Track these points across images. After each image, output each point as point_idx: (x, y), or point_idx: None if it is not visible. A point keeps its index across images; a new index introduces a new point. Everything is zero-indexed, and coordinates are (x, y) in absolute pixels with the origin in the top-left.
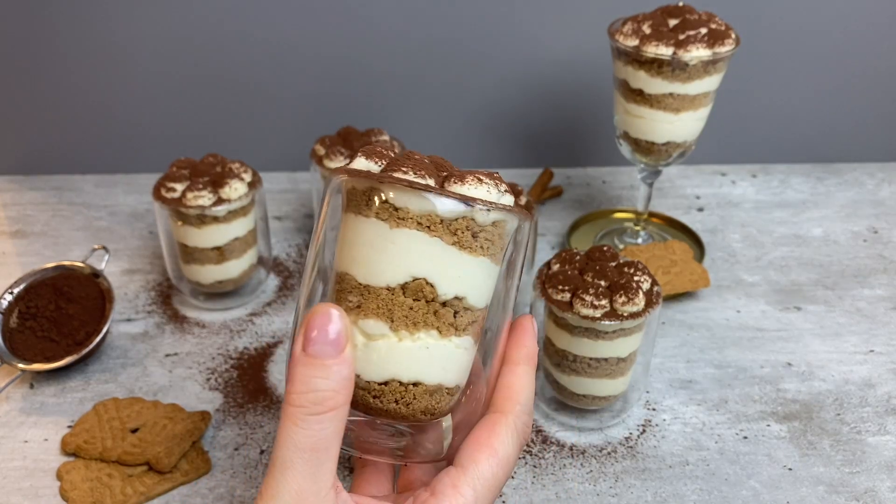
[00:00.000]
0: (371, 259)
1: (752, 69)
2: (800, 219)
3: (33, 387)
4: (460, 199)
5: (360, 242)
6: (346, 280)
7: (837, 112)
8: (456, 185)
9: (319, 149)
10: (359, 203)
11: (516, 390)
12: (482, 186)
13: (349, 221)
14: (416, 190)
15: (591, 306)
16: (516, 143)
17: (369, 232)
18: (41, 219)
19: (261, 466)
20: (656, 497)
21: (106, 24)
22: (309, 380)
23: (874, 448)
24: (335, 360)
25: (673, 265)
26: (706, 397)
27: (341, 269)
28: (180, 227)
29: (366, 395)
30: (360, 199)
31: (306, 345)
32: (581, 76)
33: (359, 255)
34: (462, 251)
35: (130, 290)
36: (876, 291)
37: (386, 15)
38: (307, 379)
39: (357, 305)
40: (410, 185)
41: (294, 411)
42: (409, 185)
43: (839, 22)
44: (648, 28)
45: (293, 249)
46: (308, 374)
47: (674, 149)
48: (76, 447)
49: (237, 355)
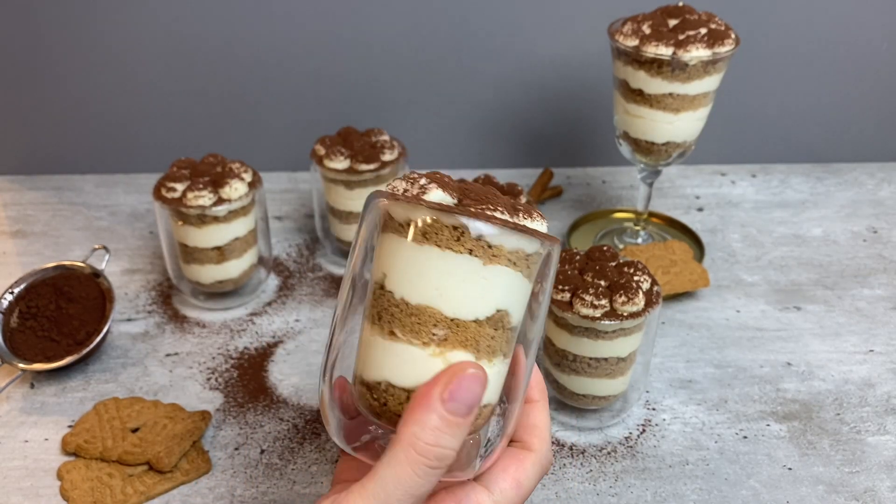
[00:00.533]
0: (462, 294)
1: (752, 69)
2: (799, 219)
3: (34, 386)
4: (543, 237)
5: (447, 277)
6: (427, 313)
7: (837, 112)
8: (527, 221)
9: (319, 149)
10: (444, 238)
11: (541, 428)
12: (543, 221)
13: (427, 254)
14: (510, 229)
15: (590, 306)
16: (516, 143)
17: (461, 268)
18: (42, 219)
19: (261, 466)
20: (656, 497)
21: (106, 24)
22: (440, 435)
23: (874, 448)
24: (466, 422)
25: (673, 265)
26: (706, 397)
27: (419, 303)
28: (181, 226)
29: None
30: (445, 234)
31: (448, 400)
32: (581, 76)
33: (446, 290)
34: (528, 280)
35: (131, 290)
36: (875, 291)
37: (386, 15)
38: (438, 434)
39: (444, 339)
40: (516, 228)
41: (418, 459)
42: (513, 226)
43: (839, 22)
44: (648, 28)
45: (293, 249)
46: (442, 428)
47: (673, 149)
48: (77, 447)
49: (237, 355)
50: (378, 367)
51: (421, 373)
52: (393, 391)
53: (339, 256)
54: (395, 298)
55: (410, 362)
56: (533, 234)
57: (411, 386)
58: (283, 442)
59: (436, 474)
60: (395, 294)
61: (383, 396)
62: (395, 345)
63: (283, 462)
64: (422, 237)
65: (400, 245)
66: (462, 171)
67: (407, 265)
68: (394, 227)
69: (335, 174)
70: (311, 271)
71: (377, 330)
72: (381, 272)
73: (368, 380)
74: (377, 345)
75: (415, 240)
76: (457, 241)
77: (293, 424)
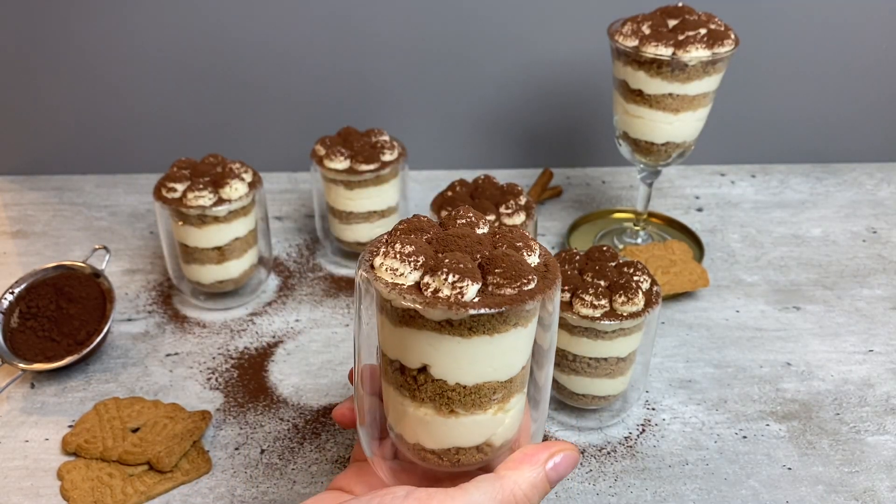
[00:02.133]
0: (512, 359)
1: (752, 69)
2: (799, 219)
3: (34, 386)
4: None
5: (500, 355)
6: (485, 388)
7: (837, 112)
8: (532, 257)
9: (319, 149)
10: (490, 325)
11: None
12: (537, 247)
13: (477, 343)
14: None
15: (590, 306)
16: (516, 143)
17: (507, 340)
18: (42, 219)
19: (261, 466)
20: (656, 496)
21: (106, 24)
22: (534, 492)
23: (873, 448)
24: (550, 489)
25: (672, 265)
26: (705, 397)
27: (476, 383)
28: (181, 227)
29: (482, 456)
30: (491, 322)
31: (553, 473)
32: (581, 76)
33: (500, 364)
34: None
35: (131, 290)
36: (875, 291)
37: (386, 15)
38: (534, 492)
39: (502, 398)
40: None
41: (509, 501)
42: (530, 295)
43: (839, 22)
44: (648, 28)
45: (293, 249)
46: (538, 486)
47: (673, 149)
48: (77, 447)
49: (238, 355)
50: (443, 437)
51: (487, 430)
52: (465, 451)
53: (339, 256)
54: (449, 384)
55: (476, 426)
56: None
57: (481, 442)
58: (283, 442)
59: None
60: (448, 381)
61: (455, 458)
62: (456, 420)
63: (283, 462)
64: (469, 332)
65: (442, 340)
66: (462, 172)
67: (457, 356)
68: (425, 324)
69: (335, 174)
70: (311, 271)
71: (430, 409)
72: (420, 362)
73: (434, 448)
74: (435, 423)
75: (461, 335)
76: (503, 323)
77: (293, 424)
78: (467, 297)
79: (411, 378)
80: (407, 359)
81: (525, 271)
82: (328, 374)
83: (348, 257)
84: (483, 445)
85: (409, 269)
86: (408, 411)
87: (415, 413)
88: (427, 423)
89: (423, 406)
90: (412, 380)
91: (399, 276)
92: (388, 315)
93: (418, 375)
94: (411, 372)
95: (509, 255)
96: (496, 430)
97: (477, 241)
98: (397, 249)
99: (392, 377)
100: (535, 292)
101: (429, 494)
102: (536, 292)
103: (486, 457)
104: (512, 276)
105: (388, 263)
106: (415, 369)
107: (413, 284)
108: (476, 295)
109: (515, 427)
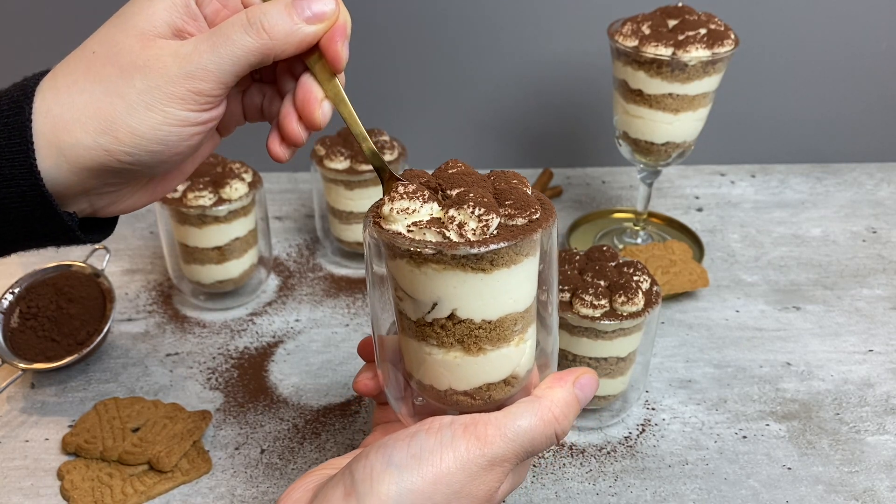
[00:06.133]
0: (528, 288)
1: (752, 69)
2: (799, 219)
3: (34, 386)
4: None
5: (518, 286)
6: (507, 320)
7: (836, 112)
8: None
9: (319, 149)
10: (509, 257)
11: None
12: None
13: (497, 277)
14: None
15: (590, 306)
16: (516, 143)
17: (524, 270)
18: None
19: (261, 466)
20: (655, 496)
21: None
22: (570, 411)
23: (873, 447)
24: (580, 408)
25: (672, 265)
26: (705, 397)
27: (500, 316)
28: (181, 227)
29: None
30: (510, 254)
31: (580, 392)
32: (581, 76)
33: (519, 294)
34: None
35: (131, 290)
36: (875, 291)
37: (386, 15)
38: (569, 409)
39: (522, 328)
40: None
41: (552, 420)
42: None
43: (838, 22)
44: (648, 29)
45: (293, 249)
46: (572, 405)
47: (673, 149)
48: (77, 447)
49: (238, 355)
50: (473, 377)
51: (512, 362)
52: (495, 386)
53: (339, 256)
54: (476, 322)
55: (503, 359)
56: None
57: (507, 375)
58: (283, 442)
59: (552, 441)
60: (475, 319)
61: (486, 394)
62: (485, 357)
63: (283, 462)
64: (490, 265)
65: (466, 278)
66: None
67: (482, 293)
68: (452, 263)
69: (335, 174)
70: (311, 271)
71: (459, 351)
72: (449, 309)
73: (466, 389)
74: (465, 363)
75: (485, 270)
76: (518, 254)
77: (293, 424)
78: (491, 230)
79: (438, 327)
80: (431, 306)
81: (531, 202)
82: (328, 374)
83: (348, 257)
84: (510, 378)
85: (419, 203)
86: (436, 359)
87: (444, 359)
88: (458, 366)
89: (451, 350)
90: (440, 328)
91: (412, 213)
92: (408, 265)
93: (445, 322)
94: (439, 321)
95: (515, 187)
96: (520, 360)
97: (480, 179)
98: (401, 192)
99: (415, 331)
100: (542, 221)
101: (473, 419)
102: (543, 221)
103: (513, 389)
104: (522, 207)
105: (398, 206)
106: (443, 318)
107: (430, 219)
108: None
109: (533, 357)
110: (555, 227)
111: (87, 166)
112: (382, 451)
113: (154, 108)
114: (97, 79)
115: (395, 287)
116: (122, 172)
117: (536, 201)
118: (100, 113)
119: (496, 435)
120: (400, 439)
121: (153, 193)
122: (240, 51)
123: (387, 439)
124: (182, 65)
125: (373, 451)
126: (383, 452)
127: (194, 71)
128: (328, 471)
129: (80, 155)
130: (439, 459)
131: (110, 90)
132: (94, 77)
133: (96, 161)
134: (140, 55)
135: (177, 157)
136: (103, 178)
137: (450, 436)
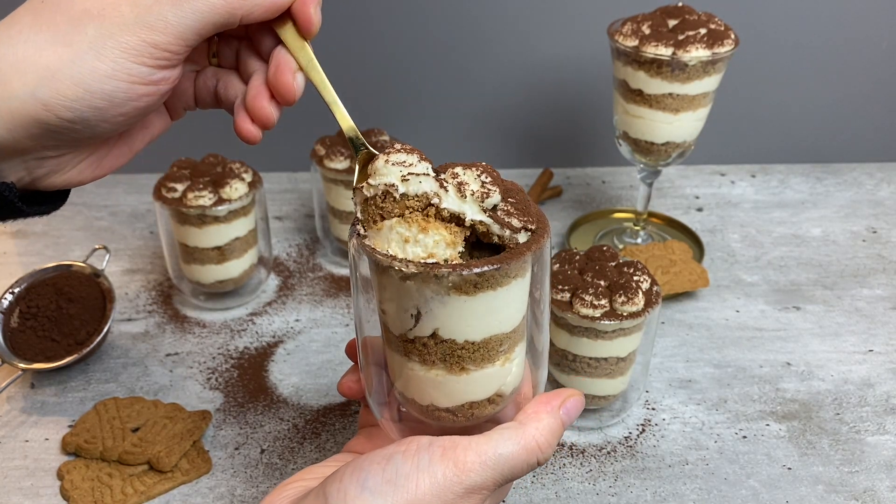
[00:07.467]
0: (515, 308)
1: (752, 69)
2: (799, 219)
3: (34, 386)
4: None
5: (504, 307)
6: (493, 341)
7: (837, 112)
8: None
9: (320, 149)
10: (495, 280)
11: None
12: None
13: (482, 299)
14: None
15: (590, 306)
16: (516, 143)
17: (511, 291)
18: (42, 219)
19: (261, 466)
20: (655, 496)
21: None
22: (553, 437)
23: (873, 447)
24: (563, 431)
25: (672, 265)
26: (705, 397)
27: (484, 337)
28: (181, 227)
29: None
30: (496, 276)
31: (566, 417)
32: (581, 76)
33: (505, 315)
34: None
35: (131, 290)
36: (875, 291)
37: (386, 15)
38: (552, 436)
39: (508, 348)
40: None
41: (535, 448)
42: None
43: (838, 22)
44: (648, 28)
45: (293, 249)
46: (556, 432)
47: (673, 149)
48: (77, 447)
49: (238, 355)
50: (456, 395)
51: (497, 381)
52: (478, 405)
53: (339, 256)
54: (459, 343)
55: (487, 379)
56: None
57: (492, 394)
58: (283, 442)
59: (532, 468)
60: (458, 340)
61: (468, 412)
62: (468, 376)
63: (283, 462)
64: (474, 289)
65: (448, 301)
66: None
67: (464, 314)
68: (434, 282)
69: (335, 174)
70: (311, 271)
71: (441, 370)
72: (431, 328)
73: (448, 406)
74: (448, 381)
75: (467, 293)
76: (505, 276)
77: (293, 424)
78: (491, 201)
79: (420, 344)
80: (413, 324)
81: (532, 212)
82: (328, 374)
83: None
84: (494, 396)
85: (416, 158)
86: (418, 375)
87: (426, 376)
88: (439, 384)
89: (433, 368)
90: (421, 346)
91: (409, 165)
92: (390, 279)
93: (427, 340)
94: (421, 338)
95: (520, 191)
96: (505, 379)
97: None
98: (398, 148)
99: (398, 345)
100: (532, 243)
101: (453, 442)
102: (533, 243)
103: (497, 406)
104: (522, 210)
105: (394, 158)
106: (424, 336)
107: (426, 174)
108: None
109: (521, 374)
110: (547, 246)
111: (22, 123)
112: (357, 474)
113: (103, 58)
114: (43, 27)
115: (379, 300)
116: (62, 132)
117: (536, 215)
118: (40, 62)
119: (475, 462)
120: (375, 462)
121: (98, 167)
122: (205, 6)
123: (362, 460)
124: (140, 14)
125: (347, 472)
126: (357, 476)
127: (153, 22)
128: (306, 482)
129: (14, 109)
130: (415, 486)
131: (57, 39)
132: (41, 26)
133: (33, 117)
134: (95, 3)
135: (121, 119)
136: (40, 139)
137: (427, 460)
